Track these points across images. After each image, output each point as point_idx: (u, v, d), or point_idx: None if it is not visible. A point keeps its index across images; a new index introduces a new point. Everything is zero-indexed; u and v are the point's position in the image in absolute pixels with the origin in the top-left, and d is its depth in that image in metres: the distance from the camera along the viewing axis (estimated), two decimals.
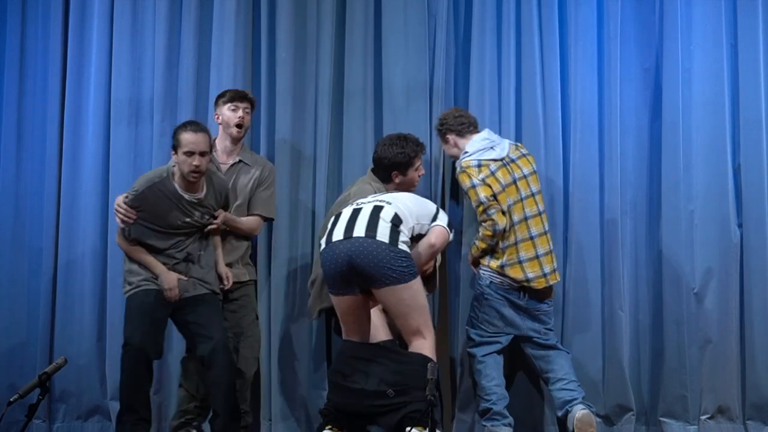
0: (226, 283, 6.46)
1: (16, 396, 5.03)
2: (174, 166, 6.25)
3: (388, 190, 6.42)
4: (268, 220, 6.78)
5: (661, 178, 6.82)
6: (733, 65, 6.83)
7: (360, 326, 5.90)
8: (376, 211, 5.81)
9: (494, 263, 6.46)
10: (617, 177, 6.85)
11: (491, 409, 6.26)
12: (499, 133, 6.91)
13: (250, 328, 6.63)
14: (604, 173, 6.89)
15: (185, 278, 6.24)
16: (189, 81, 7.29)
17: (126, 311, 6.41)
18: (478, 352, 6.39)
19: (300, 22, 7.26)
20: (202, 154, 6.10)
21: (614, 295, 6.76)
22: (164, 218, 6.27)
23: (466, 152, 6.53)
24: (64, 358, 5.41)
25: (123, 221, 6.20)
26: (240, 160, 6.60)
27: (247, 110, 6.60)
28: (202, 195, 6.29)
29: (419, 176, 6.58)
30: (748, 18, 6.83)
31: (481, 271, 6.50)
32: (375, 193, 6.39)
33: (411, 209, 5.90)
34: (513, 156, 6.51)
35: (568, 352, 6.55)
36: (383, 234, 5.65)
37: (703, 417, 6.54)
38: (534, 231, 6.51)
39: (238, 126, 6.52)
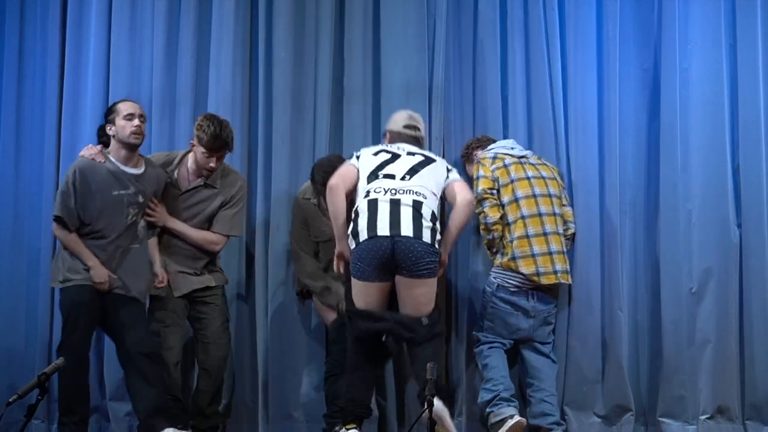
0: (160, 282, 6.53)
1: (15, 396, 4.95)
2: (108, 150, 6.39)
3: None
4: (232, 236, 6.84)
5: (659, 178, 6.84)
6: (731, 65, 6.84)
7: (382, 309, 6.09)
8: (417, 207, 5.96)
9: (505, 259, 6.47)
10: (616, 177, 6.88)
11: (498, 395, 6.29)
12: (505, 132, 7.00)
13: (218, 332, 6.69)
14: (603, 173, 6.92)
15: (115, 276, 6.30)
16: (188, 81, 7.34)
17: (61, 307, 6.51)
18: (484, 348, 6.43)
19: (299, 21, 7.27)
20: (140, 116, 6.31)
21: (614, 295, 6.78)
22: (103, 193, 6.31)
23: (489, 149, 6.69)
24: (63, 358, 5.39)
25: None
26: (206, 183, 6.65)
27: (221, 158, 6.63)
28: (140, 171, 6.39)
29: None
30: (746, 18, 6.84)
31: (491, 276, 6.53)
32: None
33: (435, 190, 6.08)
34: (533, 161, 6.60)
35: (556, 362, 6.61)
36: (426, 236, 5.86)
37: (702, 417, 6.52)
38: (548, 228, 6.53)
39: (210, 170, 6.58)
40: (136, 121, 6.32)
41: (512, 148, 6.71)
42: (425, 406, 4.79)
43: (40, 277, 7.12)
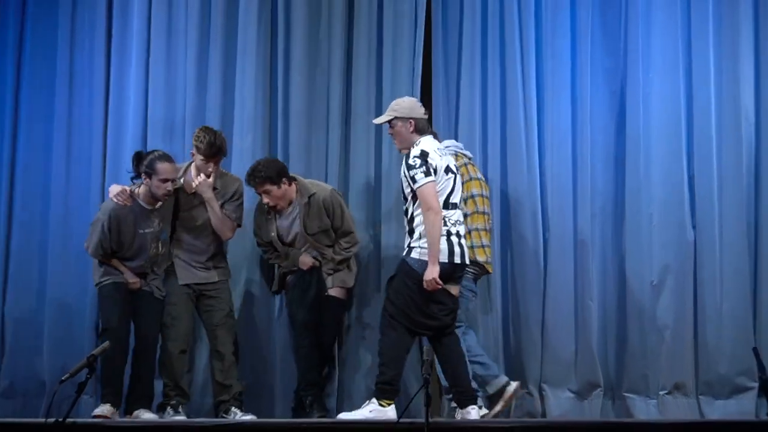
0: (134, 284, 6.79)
1: (66, 375, 5.23)
2: (139, 186, 6.71)
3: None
4: (236, 225, 7.00)
5: (625, 186, 7.14)
6: (687, 89, 7.12)
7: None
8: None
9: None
10: (588, 186, 7.16)
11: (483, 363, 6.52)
12: (486, 148, 7.27)
13: (224, 318, 6.89)
14: (576, 182, 7.18)
15: (142, 281, 6.76)
16: (216, 103, 7.57)
17: (99, 301, 6.88)
18: (458, 333, 6.42)
19: (313, 52, 7.54)
20: (173, 181, 6.64)
21: (585, 287, 7.07)
22: (131, 232, 6.67)
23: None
24: (108, 342, 5.72)
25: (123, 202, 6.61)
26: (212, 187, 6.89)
27: (218, 162, 6.83)
28: (159, 204, 6.76)
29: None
30: (700, 48, 7.13)
31: None
32: None
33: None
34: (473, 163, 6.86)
35: None
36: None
37: (661, 392, 6.85)
38: (487, 225, 6.77)
39: (208, 175, 6.77)
40: (170, 186, 6.63)
41: (463, 149, 6.87)
42: (424, 384, 4.82)
43: (87, 273, 7.12)
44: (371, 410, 6.10)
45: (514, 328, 7.23)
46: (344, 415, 6.38)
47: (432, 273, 5.96)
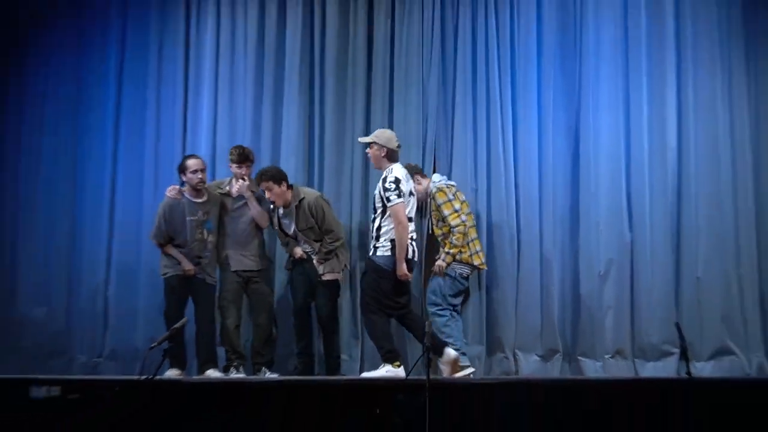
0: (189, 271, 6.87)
1: (154, 344, 5.45)
2: (183, 187, 6.88)
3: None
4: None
5: (579, 200, 7.26)
6: (626, 125, 7.23)
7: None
8: None
9: (465, 254, 6.83)
10: (550, 200, 7.28)
11: (460, 349, 6.55)
12: (476, 171, 7.37)
13: (263, 300, 7.02)
14: (542, 197, 7.31)
15: (196, 267, 6.91)
16: (268, 134, 7.75)
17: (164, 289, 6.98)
18: (447, 318, 6.75)
19: (341, 95, 7.67)
20: (202, 170, 6.87)
21: (548, 277, 7.21)
22: (181, 220, 6.87)
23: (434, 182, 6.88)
24: (186, 319, 6.12)
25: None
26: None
27: (247, 167, 6.98)
28: (204, 199, 6.95)
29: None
30: (635, 93, 7.25)
31: (454, 266, 6.83)
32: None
33: None
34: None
35: None
36: None
37: (606, 356, 7.02)
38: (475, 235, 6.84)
39: (241, 177, 6.97)
40: (200, 175, 6.85)
41: (448, 180, 6.98)
42: (425, 351, 5.00)
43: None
44: (387, 371, 6.27)
45: (495, 307, 7.29)
46: (366, 374, 6.56)
47: (402, 269, 6.24)
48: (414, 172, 6.80)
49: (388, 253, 6.29)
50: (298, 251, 7.03)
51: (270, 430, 5.42)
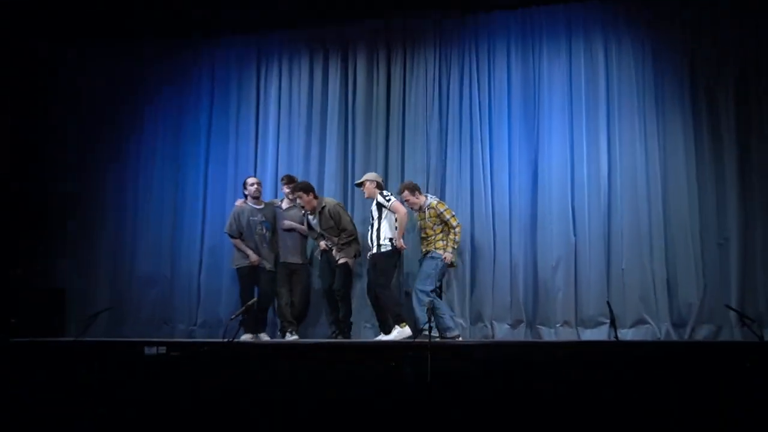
0: (255, 262, 6.80)
1: (234, 315, 5.70)
2: (245, 199, 6.90)
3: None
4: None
5: (537, 212, 7.21)
6: (570, 156, 7.17)
7: None
8: None
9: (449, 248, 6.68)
10: (517, 212, 7.24)
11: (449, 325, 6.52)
12: (462, 196, 7.28)
13: (301, 286, 6.98)
14: (511, 211, 7.26)
15: (260, 258, 6.85)
16: (314, 166, 7.72)
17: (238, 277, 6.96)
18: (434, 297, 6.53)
19: (366, 139, 7.64)
20: (257, 184, 6.93)
21: (515, 267, 7.15)
22: (246, 220, 6.87)
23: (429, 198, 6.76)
24: (255, 299, 6.29)
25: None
26: (293, 205, 7.00)
27: (292, 189, 6.91)
28: (262, 206, 6.99)
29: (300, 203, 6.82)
30: (577, 133, 7.17)
31: (443, 252, 6.64)
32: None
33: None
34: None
35: None
36: None
37: (557, 325, 6.96)
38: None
39: (286, 194, 6.94)
40: (255, 186, 6.96)
41: (433, 196, 6.84)
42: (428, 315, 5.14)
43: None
44: (397, 333, 6.32)
45: (477, 289, 7.26)
46: (381, 337, 6.53)
47: (401, 243, 6.52)
48: (414, 188, 6.78)
49: (389, 248, 6.48)
50: (322, 244, 6.99)
51: (317, 377, 5.41)
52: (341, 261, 6.82)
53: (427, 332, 5.26)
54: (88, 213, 8.10)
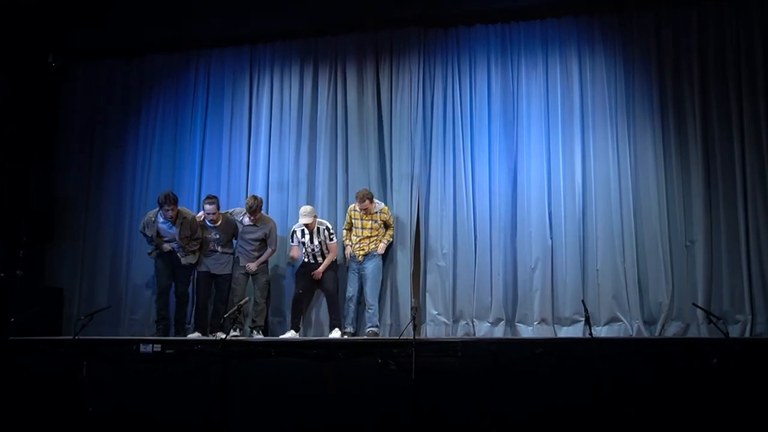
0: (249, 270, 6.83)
1: (226, 315, 5.91)
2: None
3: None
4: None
5: (516, 216, 7.20)
6: (547, 165, 7.17)
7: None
8: None
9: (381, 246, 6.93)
10: (497, 216, 7.23)
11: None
12: (446, 202, 7.27)
13: (260, 285, 6.93)
14: (491, 216, 7.24)
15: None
16: (304, 172, 7.61)
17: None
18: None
19: (356, 146, 7.56)
20: (213, 213, 6.81)
21: (496, 268, 7.13)
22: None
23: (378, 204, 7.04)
24: (248, 298, 6.29)
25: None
26: (253, 224, 6.85)
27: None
28: (219, 223, 6.95)
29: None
30: (554, 144, 7.17)
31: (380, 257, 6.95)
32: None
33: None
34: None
35: None
36: None
37: (535, 323, 6.96)
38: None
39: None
40: (209, 216, 6.84)
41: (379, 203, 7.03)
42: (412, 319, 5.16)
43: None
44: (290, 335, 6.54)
45: (459, 289, 7.22)
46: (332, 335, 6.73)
47: (319, 271, 6.78)
48: (372, 196, 6.97)
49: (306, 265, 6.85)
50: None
51: (311, 371, 5.54)
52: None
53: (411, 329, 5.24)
54: (88, 215, 8.05)
